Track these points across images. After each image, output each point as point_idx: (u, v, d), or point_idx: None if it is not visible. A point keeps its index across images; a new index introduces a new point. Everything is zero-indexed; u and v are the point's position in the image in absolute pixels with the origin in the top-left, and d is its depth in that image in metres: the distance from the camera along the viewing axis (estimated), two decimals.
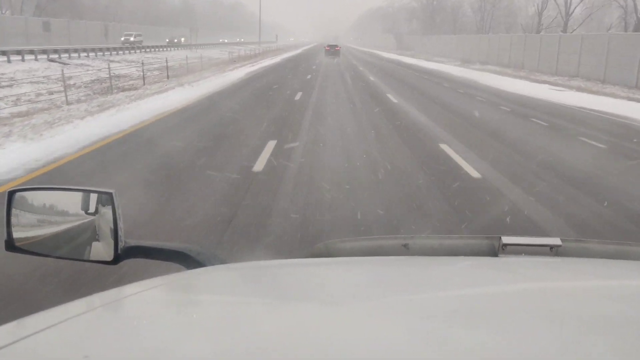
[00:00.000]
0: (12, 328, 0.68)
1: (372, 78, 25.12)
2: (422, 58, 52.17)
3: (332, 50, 50.05)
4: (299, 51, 70.61)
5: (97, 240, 1.06)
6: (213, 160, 7.24)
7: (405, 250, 1.06)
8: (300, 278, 0.94)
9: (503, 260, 0.98)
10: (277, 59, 43.53)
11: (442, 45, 58.07)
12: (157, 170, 6.64)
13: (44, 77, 19.27)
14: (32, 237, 1.08)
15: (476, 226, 4.66)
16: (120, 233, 1.03)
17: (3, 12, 46.80)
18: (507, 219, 4.92)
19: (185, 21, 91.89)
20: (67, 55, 30.69)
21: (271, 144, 8.19)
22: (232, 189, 5.78)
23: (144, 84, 18.58)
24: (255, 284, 0.91)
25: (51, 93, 15.70)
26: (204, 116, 11.93)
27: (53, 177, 6.20)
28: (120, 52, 38.33)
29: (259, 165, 6.82)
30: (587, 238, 1.12)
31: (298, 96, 15.76)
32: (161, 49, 47.52)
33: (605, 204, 5.57)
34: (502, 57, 38.93)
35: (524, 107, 15.09)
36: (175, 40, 63.36)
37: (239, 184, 5.97)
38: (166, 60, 23.88)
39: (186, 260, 1.07)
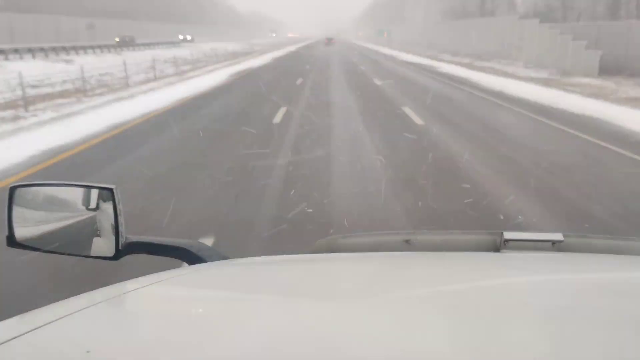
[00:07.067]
0: (13, 323, 0.68)
1: None
2: None
3: (329, 42, 72.96)
4: None
5: (98, 236, 1.07)
6: None
7: (407, 246, 1.06)
8: (301, 274, 0.94)
9: (505, 256, 0.98)
10: None
11: None
12: None
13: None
14: (34, 233, 1.08)
15: None
16: (121, 229, 1.03)
17: None
18: None
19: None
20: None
21: None
22: None
23: None
24: (257, 280, 0.91)
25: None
26: None
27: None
28: None
29: None
30: (590, 233, 1.12)
31: None
32: None
33: None
34: None
35: None
36: None
37: None
38: None
39: (187, 255, 1.07)
